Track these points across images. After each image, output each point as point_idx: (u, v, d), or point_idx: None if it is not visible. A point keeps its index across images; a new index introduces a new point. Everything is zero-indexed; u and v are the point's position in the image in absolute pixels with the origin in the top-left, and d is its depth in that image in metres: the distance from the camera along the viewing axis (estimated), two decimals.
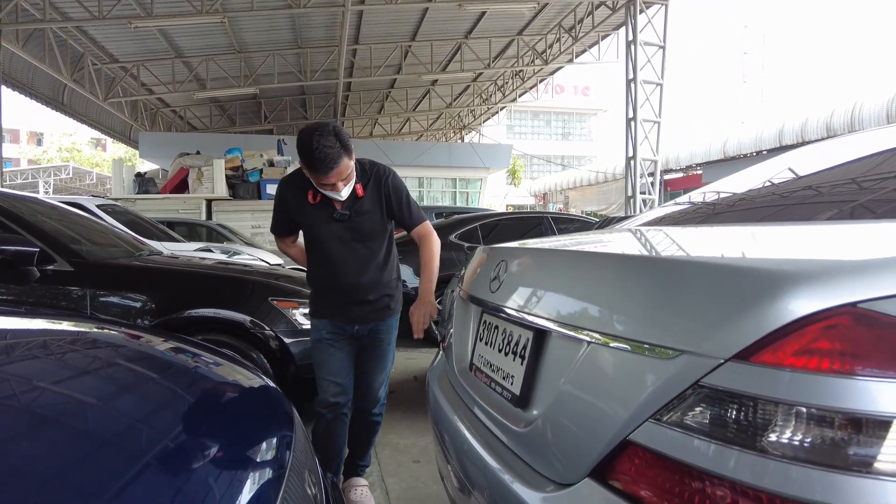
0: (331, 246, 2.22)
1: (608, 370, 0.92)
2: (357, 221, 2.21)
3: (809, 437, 0.67)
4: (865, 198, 1.24)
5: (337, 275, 2.23)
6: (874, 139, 1.61)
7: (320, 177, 2.05)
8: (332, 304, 2.27)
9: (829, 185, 1.46)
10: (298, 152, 2.06)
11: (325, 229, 2.20)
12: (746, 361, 0.73)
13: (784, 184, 1.59)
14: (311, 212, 2.20)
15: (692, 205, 1.71)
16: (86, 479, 0.72)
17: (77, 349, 1.33)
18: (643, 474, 0.81)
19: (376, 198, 2.24)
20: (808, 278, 0.74)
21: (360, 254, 2.23)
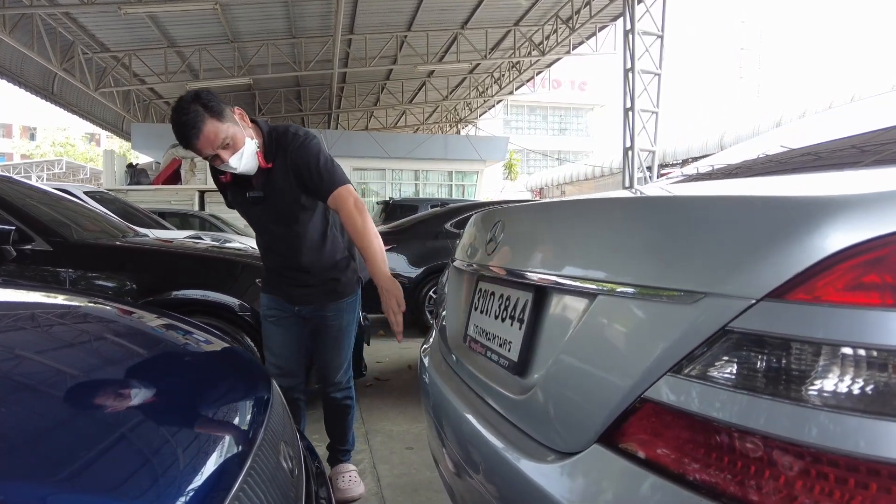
0: (258, 229, 2.10)
1: (618, 323, 0.82)
2: (272, 202, 1.94)
3: (861, 382, 0.57)
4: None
5: (272, 257, 2.12)
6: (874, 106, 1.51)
7: (194, 151, 1.79)
8: (274, 281, 2.15)
9: (845, 144, 1.36)
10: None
11: (247, 213, 2.04)
12: (782, 300, 0.63)
13: (791, 149, 1.49)
14: (234, 194, 2.02)
15: (711, 168, 1.61)
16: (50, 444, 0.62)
17: (53, 320, 1.22)
18: (661, 434, 0.71)
19: (285, 172, 1.90)
20: (851, 205, 0.64)
21: (286, 238, 2.02)
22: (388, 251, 6.21)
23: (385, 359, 4.54)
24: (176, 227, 7.63)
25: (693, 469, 0.67)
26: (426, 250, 5.85)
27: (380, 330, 5.57)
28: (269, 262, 2.17)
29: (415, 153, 17.30)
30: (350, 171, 17.39)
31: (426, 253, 5.82)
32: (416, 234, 6.03)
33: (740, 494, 0.62)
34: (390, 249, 5.81)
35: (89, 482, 0.58)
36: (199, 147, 1.76)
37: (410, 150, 17.29)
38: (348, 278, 2.14)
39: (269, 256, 2.14)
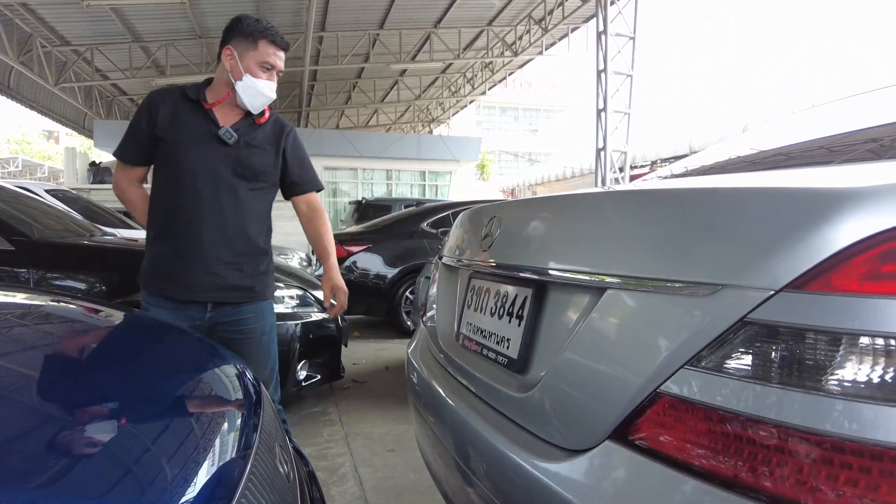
0: (199, 176, 1.70)
1: (630, 317, 0.80)
2: (245, 153, 1.75)
3: (883, 370, 0.57)
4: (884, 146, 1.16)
5: (198, 220, 1.70)
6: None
7: (277, 52, 1.73)
8: (184, 269, 1.72)
9: (844, 140, 1.38)
10: (240, 27, 1.71)
11: (197, 151, 1.70)
12: (802, 290, 0.62)
13: (784, 146, 1.51)
14: (187, 124, 1.71)
15: (707, 166, 1.62)
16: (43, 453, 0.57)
17: (35, 324, 1.15)
18: (677, 428, 0.70)
19: (275, 140, 1.82)
20: (868, 196, 0.64)
21: (240, 197, 1.74)
22: (363, 251, 6.16)
23: (362, 360, 4.48)
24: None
25: (712, 462, 0.66)
26: (402, 250, 5.80)
27: (355, 332, 5.51)
28: (182, 233, 1.72)
29: (387, 152, 17.19)
30: (321, 171, 17.18)
31: (402, 253, 5.77)
32: (392, 234, 5.98)
33: (763, 486, 0.61)
34: (365, 249, 5.76)
35: (91, 492, 0.53)
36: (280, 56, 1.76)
37: (382, 150, 17.18)
38: (271, 279, 1.92)
39: (189, 221, 1.71)
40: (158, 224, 1.76)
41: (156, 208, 1.77)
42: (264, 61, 1.72)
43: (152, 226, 1.78)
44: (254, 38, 1.71)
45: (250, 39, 1.71)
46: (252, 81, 1.71)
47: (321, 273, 5.90)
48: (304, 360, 3.04)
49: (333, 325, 3.19)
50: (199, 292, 1.73)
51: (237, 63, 1.71)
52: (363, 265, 5.69)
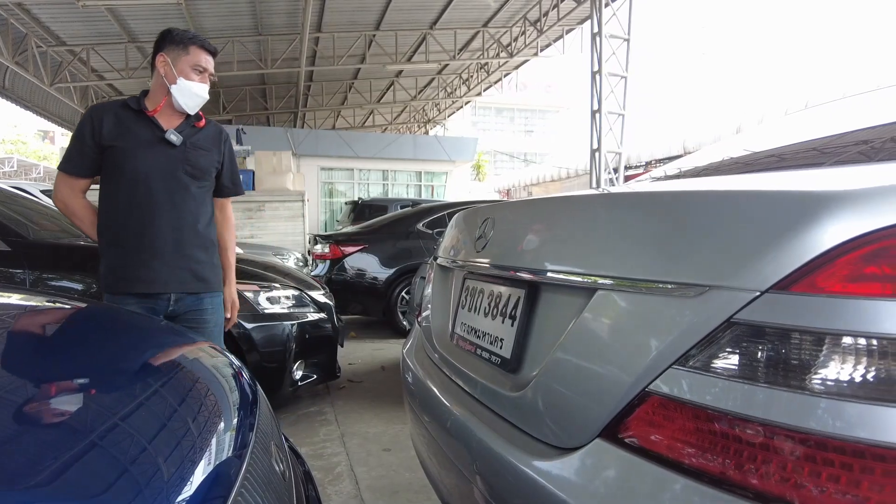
0: (152, 178, 1.83)
1: (620, 317, 0.82)
2: (193, 153, 1.90)
3: (865, 370, 0.59)
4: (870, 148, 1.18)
5: (158, 221, 1.83)
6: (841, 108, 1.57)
7: (206, 56, 1.90)
8: (145, 269, 1.83)
9: (825, 142, 1.40)
10: (170, 36, 1.88)
11: (146, 155, 1.83)
12: (787, 292, 0.64)
13: (773, 148, 1.53)
14: (133, 130, 1.83)
15: (696, 168, 1.63)
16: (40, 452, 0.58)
17: (31, 323, 1.16)
18: (667, 426, 0.72)
19: (215, 142, 2.00)
20: (852, 199, 0.65)
21: (190, 195, 1.90)
22: (359, 252, 6.16)
23: (358, 360, 4.49)
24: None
25: (700, 460, 0.68)
26: (398, 250, 5.81)
27: (352, 332, 5.52)
28: (139, 231, 1.84)
29: (383, 153, 17.19)
30: (317, 171, 17.16)
31: (398, 253, 5.78)
32: (388, 235, 5.99)
33: (750, 483, 0.63)
34: (361, 250, 5.77)
35: (88, 491, 0.54)
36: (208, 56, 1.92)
37: (379, 150, 17.17)
38: (219, 271, 2.06)
39: (143, 221, 1.84)
40: (115, 228, 1.86)
41: (110, 214, 1.86)
42: (196, 64, 1.88)
43: (107, 231, 1.88)
44: (185, 45, 1.87)
45: (182, 46, 1.87)
46: (186, 84, 1.86)
47: (318, 273, 5.88)
48: (300, 360, 3.05)
49: (329, 326, 3.21)
50: (163, 285, 1.87)
51: (171, 68, 1.86)
52: (359, 265, 5.70)
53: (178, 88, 1.86)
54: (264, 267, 3.33)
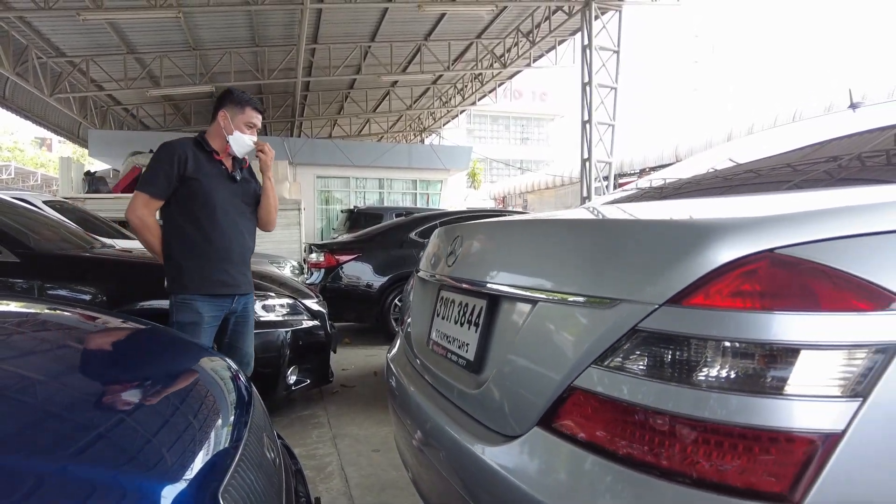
0: (227, 206, 2.35)
1: (553, 325, 0.98)
2: (246, 186, 2.47)
3: (738, 368, 0.74)
4: (786, 175, 1.35)
5: (231, 238, 2.35)
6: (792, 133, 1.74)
7: (257, 116, 2.40)
8: (224, 271, 2.33)
9: (754, 168, 1.57)
10: (233, 97, 2.37)
11: (220, 189, 2.34)
12: (679, 305, 0.79)
13: (718, 170, 1.69)
14: (209, 170, 2.33)
15: (639, 190, 1.80)
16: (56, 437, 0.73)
17: (43, 328, 1.31)
18: (587, 417, 0.87)
19: (253, 175, 2.56)
20: (730, 229, 0.81)
21: (248, 217, 2.46)
22: (353, 260, 6.29)
23: (351, 366, 4.63)
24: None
25: (615, 443, 0.83)
26: (391, 259, 5.95)
27: (345, 338, 5.65)
28: (218, 247, 2.32)
29: (379, 161, 17.37)
30: (314, 179, 17.32)
31: (391, 262, 5.92)
32: (381, 244, 6.13)
33: (650, 461, 0.78)
34: (355, 259, 5.92)
35: (121, 461, 0.70)
36: (257, 115, 2.42)
37: (375, 159, 17.35)
38: None
39: (221, 239, 2.32)
40: (198, 243, 2.31)
41: (192, 231, 2.32)
42: (249, 122, 2.39)
43: (187, 244, 2.32)
44: (242, 106, 2.38)
45: (239, 106, 2.38)
46: (240, 136, 2.38)
47: (313, 281, 6.06)
48: (294, 366, 3.19)
49: (322, 332, 3.35)
50: (235, 287, 2.39)
51: (230, 123, 2.37)
52: (353, 274, 5.84)
53: (234, 139, 2.37)
54: (260, 277, 3.47)
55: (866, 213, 0.80)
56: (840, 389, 0.70)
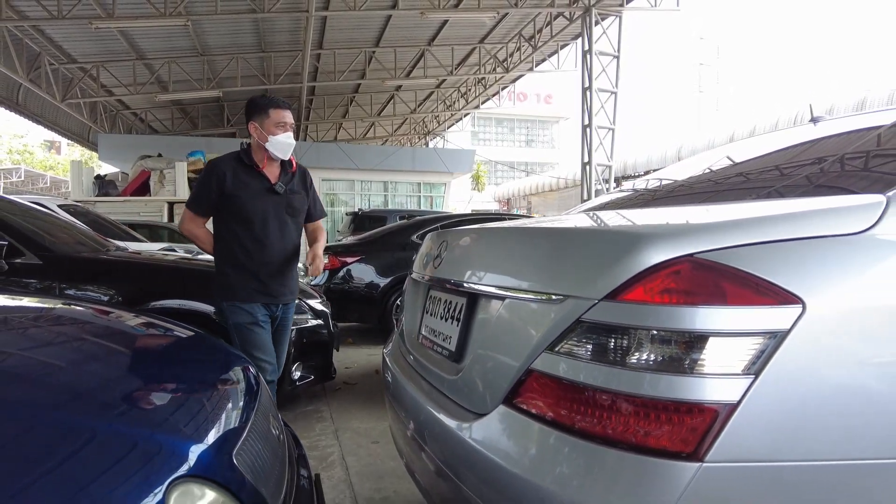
0: (267, 220, 2.40)
1: (517, 318, 1.14)
2: (290, 197, 2.47)
3: (660, 352, 0.90)
4: (722, 188, 1.51)
5: (272, 250, 2.41)
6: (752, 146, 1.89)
7: (283, 112, 2.38)
8: (263, 283, 2.41)
9: (702, 179, 1.73)
10: (254, 106, 2.40)
11: (261, 202, 2.39)
12: (615, 300, 0.95)
13: (677, 181, 1.85)
14: (250, 184, 2.39)
15: (618, 198, 1.96)
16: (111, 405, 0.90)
17: (71, 325, 1.48)
18: (542, 394, 1.03)
19: (303, 184, 2.57)
20: (659, 236, 0.98)
21: (290, 229, 2.48)
22: (357, 262, 6.46)
23: (353, 365, 4.80)
24: (146, 238, 7.72)
25: (565, 416, 0.99)
26: (394, 261, 6.12)
27: (348, 338, 5.82)
28: (260, 258, 2.40)
29: (384, 164, 17.57)
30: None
31: (393, 263, 6.08)
32: (384, 246, 6.29)
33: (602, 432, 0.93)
34: (359, 261, 6.09)
35: (158, 419, 0.87)
36: (287, 114, 2.41)
37: (379, 162, 17.55)
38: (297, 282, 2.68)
39: (262, 251, 2.40)
40: (241, 256, 2.40)
41: (235, 245, 2.41)
42: (278, 122, 2.38)
43: (230, 256, 2.42)
44: (265, 110, 2.39)
45: (263, 112, 2.39)
46: (275, 140, 2.38)
47: (317, 282, 6.23)
48: (298, 362, 3.36)
49: (326, 331, 3.52)
50: (273, 298, 2.46)
51: (261, 131, 2.39)
52: (357, 275, 6.01)
53: (271, 144, 2.38)
54: None
55: (765, 225, 0.96)
56: (738, 368, 0.86)
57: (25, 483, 0.68)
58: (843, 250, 0.94)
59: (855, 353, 0.88)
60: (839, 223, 0.97)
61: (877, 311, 0.90)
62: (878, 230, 0.96)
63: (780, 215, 1.02)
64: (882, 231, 0.95)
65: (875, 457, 0.84)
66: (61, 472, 0.71)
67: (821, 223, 0.98)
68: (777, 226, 0.96)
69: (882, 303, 0.90)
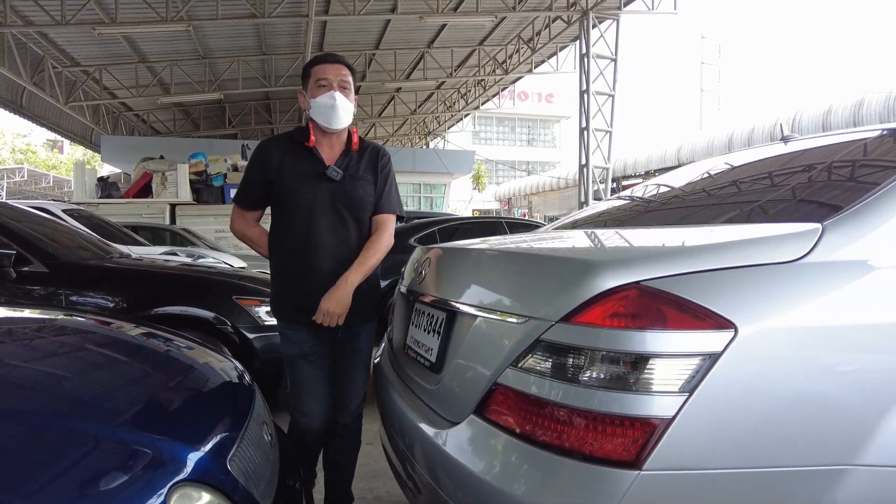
0: (315, 214, 1.85)
1: (487, 334, 1.25)
2: (350, 186, 1.88)
3: (608, 371, 1.00)
4: (681, 212, 1.62)
5: (321, 254, 1.86)
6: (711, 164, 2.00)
7: (324, 67, 1.86)
8: (309, 299, 1.85)
9: (661, 199, 1.83)
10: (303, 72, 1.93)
11: (308, 190, 1.85)
12: (569, 322, 1.06)
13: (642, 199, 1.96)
14: (297, 166, 1.86)
15: (599, 212, 2.07)
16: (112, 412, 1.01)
17: (75, 335, 1.60)
18: (506, 406, 1.14)
19: (371, 167, 1.95)
20: (608, 264, 1.08)
21: (348, 227, 1.89)
22: None
23: None
24: (148, 241, 7.85)
25: (524, 426, 1.10)
26: (392, 264, 6.14)
27: None
28: (305, 263, 1.86)
29: None
30: None
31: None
32: None
33: (555, 441, 1.03)
34: None
35: (160, 430, 0.98)
36: (330, 67, 1.87)
37: None
38: (374, 297, 2.09)
39: (308, 253, 1.86)
40: (283, 260, 1.93)
41: (278, 246, 1.93)
42: (317, 80, 1.85)
43: (276, 262, 1.95)
44: (307, 71, 1.91)
45: (306, 74, 1.91)
46: (315, 102, 1.85)
47: None
48: None
49: None
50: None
51: (305, 98, 1.90)
52: None
53: (314, 110, 1.86)
54: (265, 283, 3.75)
55: (706, 254, 1.07)
56: (675, 387, 0.96)
57: (42, 484, 0.79)
58: (776, 278, 1.04)
59: (779, 372, 0.98)
60: (775, 252, 1.07)
61: (802, 334, 1.00)
62: (811, 258, 1.06)
63: (722, 244, 1.12)
64: (813, 259, 1.06)
65: (794, 464, 0.95)
66: (73, 476, 0.83)
67: (757, 252, 1.08)
68: (717, 255, 1.06)
69: (807, 326, 1.00)
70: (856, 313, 1.03)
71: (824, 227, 1.10)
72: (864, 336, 1.02)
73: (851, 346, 1.02)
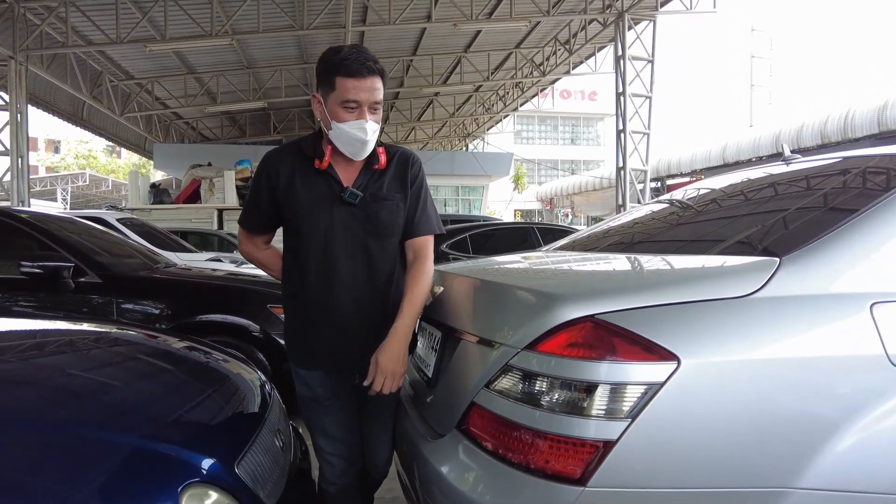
0: (333, 242, 1.57)
1: (468, 356, 1.39)
2: (373, 208, 1.59)
3: (563, 396, 1.12)
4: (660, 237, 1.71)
5: (337, 290, 1.59)
6: None
7: (356, 83, 1.48)
8: (324, 341, 1.62)
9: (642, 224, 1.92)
10: (321, 66, 1.52)
11: (324, 215, 1.57)
12: (533, 350, 1.18)
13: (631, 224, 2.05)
14: (309, 187, 1.58)
15: (609, 228, 2.17)
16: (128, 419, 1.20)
17: (115, 345, 1.82)
18: (479, 423, 1.28)
19: (399, 180, 1.64)
20: (568, 297, 1.20)
21: (373, 255, 1.60)
22: None
23: None
24: (196, 246, 8.27)
25: (495, 443, 1.23)
26: None
27: None
28: (319, 300, 1.60)
29: (424, 168, 17.91)
30: None
31: None
32: None
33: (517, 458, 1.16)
34: None
35: (172, 437, 1.17)
36: (362, 82, 1.48)
37: None
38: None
39: (323, 289, 1.59)
40: (294, 292, 1.66)
41: (290, 276, 1.67)
42: (344, 101, 1.50)
43: (287, 294, 1.69)
44: (329, 78, 1.50)
45: (327, 81, 1.51)
46: (340, 128, 1.51)
47: None
48: None
49: None
50: (332, 358, 1.64)
51: (324, 110, 1.54)
52: None
53: (335, 136, 1.54)
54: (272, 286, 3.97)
55: (659, 289, 1.18)
56: (620, 413, 1.08)
57: (72, 480, 0.98)
58: (724, 313, 1.13)
59: (718, 401, 1.08)
60: (727, 287, 1.16)
61: (743, 367, 1.08)
62: (762, 293, 1.14)
63: (677, 279, 1.23)
64: (764, 294, 1.14)
65: (731, 486, 1.05)
66: (97, 474, 1.02)
67: (709, 287, 1.17)
68: (670, 290, 1.16)
69: (750, 359, 1.09)
70: (798, 348, 1.10)
71: (781, 262, 1.17)
72: (802, 369, 1.10)
73: (790, 378, 1.09)
